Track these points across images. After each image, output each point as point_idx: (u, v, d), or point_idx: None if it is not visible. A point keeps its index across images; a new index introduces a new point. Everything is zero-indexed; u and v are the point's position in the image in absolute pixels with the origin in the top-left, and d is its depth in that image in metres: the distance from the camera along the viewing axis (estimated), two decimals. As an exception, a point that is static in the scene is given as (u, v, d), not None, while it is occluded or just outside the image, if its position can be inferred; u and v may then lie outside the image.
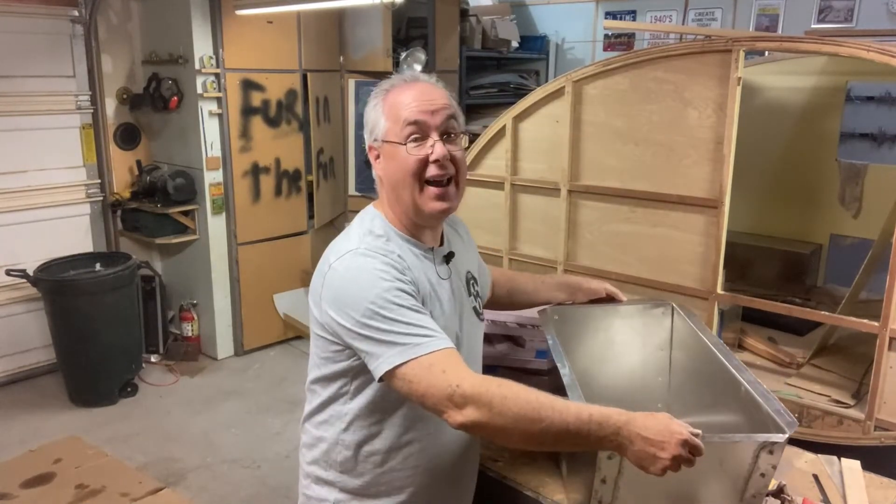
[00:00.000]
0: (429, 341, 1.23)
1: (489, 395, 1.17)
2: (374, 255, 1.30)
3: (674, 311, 1.84)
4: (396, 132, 1.35)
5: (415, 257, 1.38)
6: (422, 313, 1.27)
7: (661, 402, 1.83)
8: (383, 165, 1.39)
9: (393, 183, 1.38)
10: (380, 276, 1.27)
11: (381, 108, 1.38)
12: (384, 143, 1.37)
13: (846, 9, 4.24)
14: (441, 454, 1.42)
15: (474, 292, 1.53)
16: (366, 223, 1.41)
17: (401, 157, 1.35)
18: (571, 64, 5.37)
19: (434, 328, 1.26)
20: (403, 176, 1.35)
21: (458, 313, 1.44)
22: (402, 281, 1.29)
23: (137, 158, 4.68)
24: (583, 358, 1.82)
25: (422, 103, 1.34)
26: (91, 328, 3.93)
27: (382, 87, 1.41)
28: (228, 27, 4.30)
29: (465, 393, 1.17)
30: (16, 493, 2.40)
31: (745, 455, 1.28)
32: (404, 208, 1.39)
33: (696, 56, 2.60)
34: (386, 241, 1.36)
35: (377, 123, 1.38)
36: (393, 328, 1.23)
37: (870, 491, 1.58)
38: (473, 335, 1.50)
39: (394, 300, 1.25)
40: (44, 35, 4.17)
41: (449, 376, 1.19)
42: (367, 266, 1.29)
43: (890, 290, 2.27)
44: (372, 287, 1.26)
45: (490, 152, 3.33)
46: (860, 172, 3.44)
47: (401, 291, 1.27)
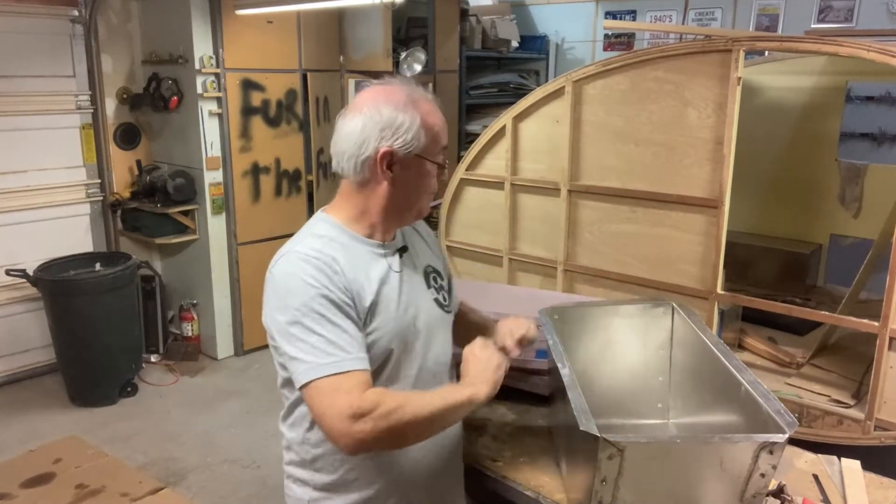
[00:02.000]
0: (338, 361, 1.25)
1: (384, 409, 1.23)
2: (307, 260, 1.32)
3: (674, 311, 1.84)
4: (432, 152, 1.41)
5: (363, 254, 1.40)
6: (340, 327, 1.28)
7: (661, 402, 1.83)
8: (401, 175, 1.38)
9: (408, 193, 1.41)
10: (308, 282, 1.29)
11: (417, 119, 1.37)
12: (417, 157, 1.38)
13: (846, 9, 4.24)
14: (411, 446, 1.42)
15: (436, 285, 1.54)
16: (310, 226, 1.44)
17: (430, 174, 1.42)
18: (571, 64, 5.37)
19: (348, 345, 1.28)
20: (426, 189, 1.43)
21: (416, 305, 1.45)
22: (329, 288, 1.29)
23: (137, 158, 4.68)
24: (583, 358, 1.82)
25: (446, 129, 1.46)
26: (91, 328, 3.93)
27: (413, 97, 1.39)
28: (228, 27, 4.29)
29: (362, 411, 1.22)
30: (16, 493, 2.40)
31: (745, 455, 1.28)
32: (402, 215, 1.44)
33: (696, 56, 2.60)
34: (328, 242, 1.37)
35: (409, 134, 1.36)
36: (309, 339, 1.26)
37: (870, 491, 1.58)
38: (435, 326, 1.50)
39: (317, 308, 1.28)
40: (44, 35, 4.17)
41: (352, 398, 1.23)
42: (298, 272, 1.31)
43: (890, 290, 2.27)
44: (299, 293, 1.29)
45: (490, 152, 3.33)
46: (860, 172, 3.44)
47: (325, 300, 1.28)
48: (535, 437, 1.77)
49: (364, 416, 1.22)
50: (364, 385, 1.26)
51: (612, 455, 1.27)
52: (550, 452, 1.70)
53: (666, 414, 1.82)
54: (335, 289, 1.30)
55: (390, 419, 1.23)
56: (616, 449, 1.26)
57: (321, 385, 1.24)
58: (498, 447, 1.72)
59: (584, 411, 1.35)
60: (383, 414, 1.22)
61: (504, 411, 1.90)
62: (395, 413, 1.23)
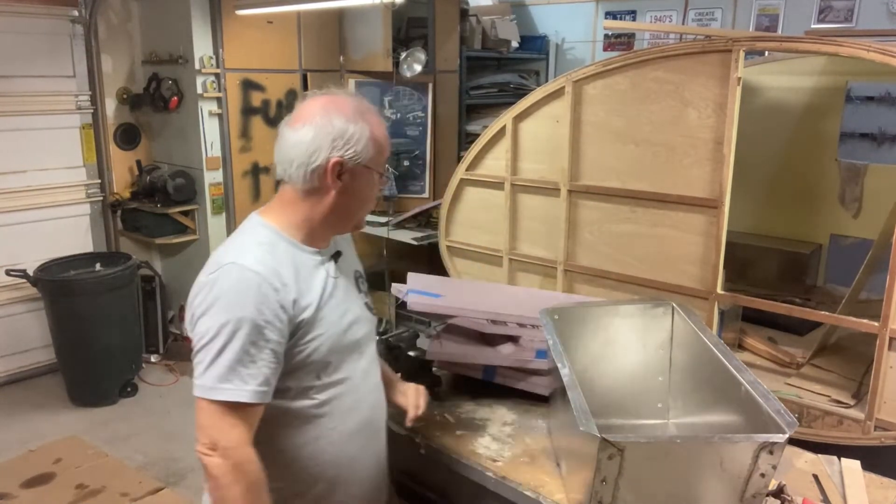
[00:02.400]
0: (235, 390, 1.29)
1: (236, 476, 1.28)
2: (248, 278, 1.32)
3: (674, 311, 1.84)
4: (378, 163, 1.44)
5: (305, 263, 1.42)
6: (252, 357, 1.30)
7: (661, 402, 1.83)
8: (350, 185, 1.41)
9: (353, 202, 1.44)
10: (242, 302, 1.30)
11: (367, 134, 1.40)
12: (365, 168, 1.42)
13: (846, 9, 4.24)
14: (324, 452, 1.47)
15: (364, 290, 1.61)
16: (250, 233, 1.44)
17: (374, 184, 1.46)
18: (571, 64, 5.37)
19: (251, 376, 1.30)
20: (370, 199, 1.47)
21: (353, 311, 1.50)
22: (262, 311, 1.30)
23: (137, 158, 4.68)
24: (583, 358, 1.82)
25: (389, 141, 1.48)
26: (91, 328, 3.93)
27: (360, 110, 1.42)
28: (228, 27, 4.29)
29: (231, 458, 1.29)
30: (16, 493, 2.40)
31: (745, 455, 1.28)
32: (342, 224, 1.48)
33: (696, 56, 2.60)
34: (271, 251, 1.38)
35: (359, 145, 1.39)
36: (221, 358, 1.29)
37: (870, 491, 1.58)
38: (366, 330, 1.55)
39: (240, 332, 1.29)
40: (44, 35, 4.17)
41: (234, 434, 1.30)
42: (236, 287, 1.31)
43: (890, 290, 2.27)
44: (230, 310, 1.30)
45: (490, 152, 3.33)
46: (860, 172, 3.44)
47: (252, 326, 1.29)
48: (535, 437, 1.77)
49: (226, 458, 1.28)
50: (246, 421, 1.31)
51: (612, 455, 1.27)
52: (550, 452, 1.70)
53: (666, 414, 1.82)
54: (269, 312, 1.31)
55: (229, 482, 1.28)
56: (616, 449, 1.26)
57: (211, 407, 1.31)
58: (498, 447, 1.72)
59: (584, 411, 1.35)
60: (234, 475, 1.28)
61: (504, 411, 1.90)
62: (231, 486, 1.28)
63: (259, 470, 1.32)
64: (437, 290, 2.10)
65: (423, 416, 1.70)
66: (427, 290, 2.07)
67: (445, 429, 1.80)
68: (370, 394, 1.55)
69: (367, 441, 1.55)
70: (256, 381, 1.31)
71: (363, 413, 1.52)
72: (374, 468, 1.59)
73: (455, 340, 1.96)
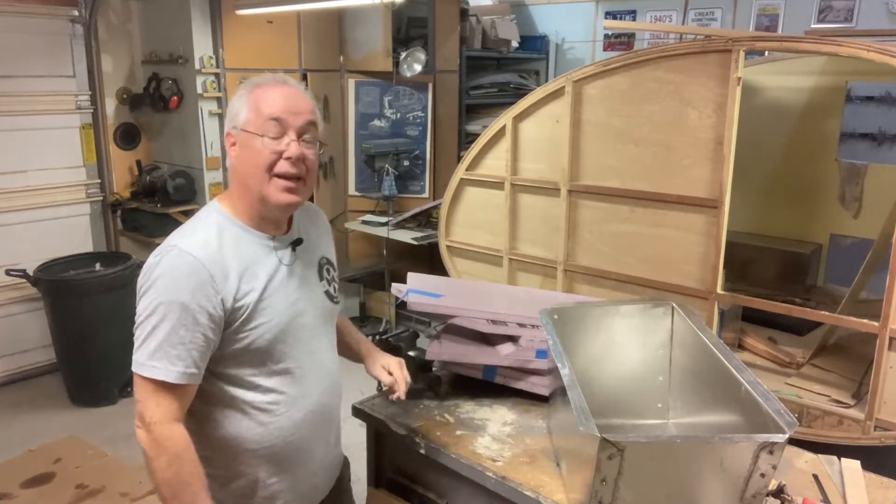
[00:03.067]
0: (163, 369, 1.33)
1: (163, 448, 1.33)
2: (185, 263, 1.35)
3: (674, 311, 1.84)
4: (257, 124, 1.41)
5: (253, 248, 1.44)
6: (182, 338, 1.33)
7: (661, 402, 1.83)
8: (237, 153, 1.44)
9: (244, 172, 1.43)
10: (176, 285, 1.34)
11: (245, 99, 1.43)
12: (242, 132, 1.42)
13: (846, 9, 4.24)
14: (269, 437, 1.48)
15: (328, 277, 1.60)
16: (201, 218, 1.47)
17: (255, 148, 1.40)
18: (571, 64, 5.37)
19: (179, 357, 1.33)
20: (255, 166, 1.41)
21: (306, 298, 1.50)
22: (194, 295, 1.33)
23: (137, 158, 4.68)
24: (583, 358, 1.82)
25: (286, 104, 1.42)
26: (91, 328, 3.93)
27: (254, 81, 1.46)
28: (228, 27, 4.29)
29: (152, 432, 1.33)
30: (16, 493, 2.40)
31: (745, 455, 1.28)
32: (251, 198, 1.44)
33: (696, 56, 2.60)
34: (216, 237, 1.40)
35: (238, 112, 1.43)
36: (154, 336, 1.33)
37: (870, 491, 1.58)
38: (323, 318, 1.56)
39: (171, 313, 1.33)
40: (44, 35, 4.17)
41: (159, 411, 1.34)
42: (172, 271, 1.35)
43: (890, 290, 2.27)
44: (164, 291, 1.34)
45: (490, 152, 3.33)
46: (860, 172, 3.44)
47: (183, 309, 1.33)
48: (535, 437, 1.77)
49: (149, 432, 1.33)
50: (171, 400, 1.34)
51: (612, 455, 1.27)
52: (550, 452, 1.70)
53: (666, 414, 1.82)
54: (202, 296, 1.34)
55: (157, 458, 1.33)
56: (616, 449, 1.26)
57: (144, 383, 1.35)
58: (498, 447, 1.72)
59: (584, 411, 1.35)
60: (157, 444, 1.33)
61: (504, 411, 1.90)
62: (159, 455, 1.32)
63: (181, 444, 1.34)
64: (437, 290, 2.10)
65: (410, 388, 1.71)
66: (427, 290, 2.07)
67: (445, 429, 1.80)
68: (322, 381, 1.55)
69: (318, 428, 1.55)
70: (184, 363, 1.34)
71: (313, 400, 1.52)
72: (325, 455, 1.61)
73: (455, 340, 1.96)
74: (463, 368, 1.96)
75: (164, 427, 1.33)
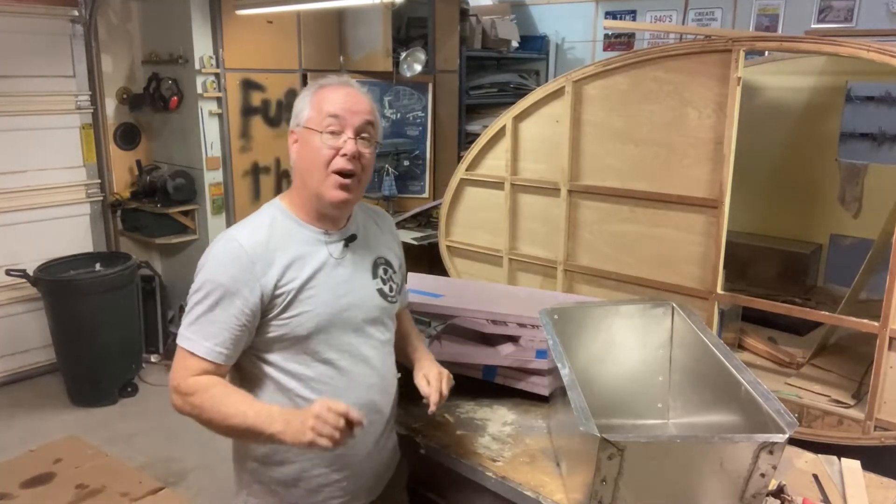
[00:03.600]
0: (196, 342, 1.41)
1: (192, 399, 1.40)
2: (230, 248, 1.43)
3: (674, 311, 1.84)
4: (317, 121, 1.46)
5: (304, 240, 1.49)
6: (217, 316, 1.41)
7: (661, 402, 1.83)
8: (298, 150, 1.50)
9: (303, 167, 1.49)
10: (218, 266, 1.42)
11: (308, 98, 1.49)
12: (304, 129, 1.48)
13: (846, 9, 4.24)
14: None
15: (384, 276, 1.61)
16: (259, 211, 1.55)
17: (315, 144, 1.46)
18: (571, 64, 5.37)
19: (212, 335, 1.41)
20: (314, 162, 1.46)
21: (354, 293, 1.52)
22: (234, 277, 1.40)
23: (137, 158, 4.68)
24: (583, 358, 1.82)
25: (347, 102, 1.47)
26: (91, 328, 3.93)
27: (319, 81, 1.52)
28: (228, 27, 4.29)
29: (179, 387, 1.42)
30: (16, 493, 2.39)
31: (745, 455, 1.28)
32: (308, 194, 1.49)
33: (696, 56, 2.60)
34: (266, 228, 1.47)
35: (302, 111, 1.49)
36: (194, 310, 1.42)
37: (870, 491, 1.58)
38: (372, 314, 1.56)
39: (211, 292, 1.41)
40: (44, 35, 4.16)
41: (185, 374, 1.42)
42: (218, 254, 1.44)
43: (890, 290, 2.27)
44: (208, 271, 1.43)
45: (490, 152, 3.33)
46: (860, 172, 3.44)
47: (221, 288, 1.40)
48: (535, 437, 1.77)
49: (179, 392, 1.42)
50: (200, 371, 1.42)
51: (612, 455, 1.27)
52: (550, 452, 1.70)
53: (666, 414, 1.82)
54: (242, 281, 1.41)
55: (193, 409, 1.41)
56: (616, 449, 1.26)
57: (179, 351, 1.44)
58: (498, 447, 1.72)
59: (584, 411, 1.35)
60: (189, 402, 1.40)
61: (504, 411, 1.90)
62: (196, 407, 1.40)
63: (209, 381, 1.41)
64: (437, 290, 2.10)
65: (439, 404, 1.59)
66: (427, 290, 2.07)
67: (445, 429, 1.80)
68: (369, 377, 1.54)
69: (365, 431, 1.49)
70: (215, 341, 1.41)
71: (358, 394, 1.50)
72: (373, 454, 1.58)
73: (455, 340, 1.96)
74: (463, 368, 1.96)
75: (188, 381, 1.41)
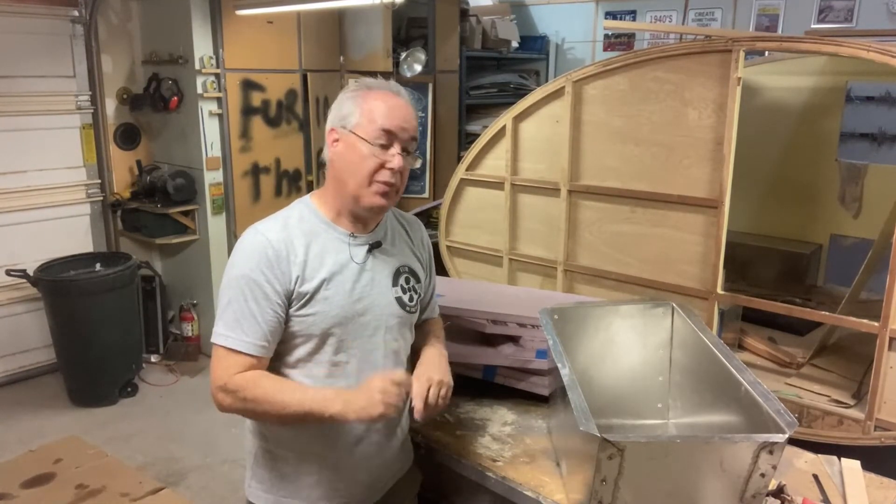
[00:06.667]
0: (235, 339, 1.42)
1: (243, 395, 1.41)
2: (257, 241, 1.45)
3: (674, 311, 1.84)
4: (368, 131, 1.46)
5: (328, 239, 1.51)
6: (251, 311, 1.42)
7: (660, 402, 1.83)
8: (341, 151, 1.49)
9: (345, 169, 1.49)
10: (247, 260, 1.44)
11: (359, 101, 1.48)
12: (351, 134, 1.47)
13: (846, 9, 4.24)
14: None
15: (406, 286, 1.60)
16: (287, 207, 1.56)
17: (362, 153, 1.46)
18: (571, 64, 5.37)
19: (250, 329, 1.42)
20: (359, 168, 1.47)
21: (371, 299, 1.52)
22: (262, 271, 1.42)
23: (137, 158, 4.68)
24: (583, 358, 1.82)
25: (398, 118, 1.48)
26: (91, 328, 3.93)
27: (366, 83, 1.51)
28: (228, 27, 4.29)
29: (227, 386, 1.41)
30: (16, 493, 2.40)
31: (745, 455, 1.28)
32: (344, 195, 1.50)
33: (696, 56, 2.60)
34: (294, 224, 1.49)
35: (351, 113, 1.47)
36: (229, 307, 1.43)
37: (870, 491, 1.58)
38: (389, 323, 1.56)
39: (242, 286, 1.42)
40: (44, 35, 4.16)
41: (229, 372, 1.42)
42: (246, 247, 1.45)
43: (890, 290, 2.27)
44: (238, 265, 1.45)
45: (490, 152, 3.33)
46: (860, 172, 3.44)
47: (252, 282, 1.42)
48: (535, 437, 1.77)
49: (227, 391, 1.41)
50: (243, 367, 1.42)
51: (612, 455, 1.27)
52: (550, 452, 1.70)
53: (666, 414, 1.82)
54: (269, 273, 1.42)
55: (245, 403, 1.41)
56: (616, 449, 1.26)
57: (218, 350, 1.44)
58: (498, 447, 1.72)
59: (584, 411, 1.35)
60: (240, 398, 1.41)
61: (504, 411, 1.90)
62: (249, 402, 1.41)
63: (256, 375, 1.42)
64: (437, 291, 2.10)
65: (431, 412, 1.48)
66: (427, 290, 2.07)
67: (445, 429, 1.80)
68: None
69: (369, 431, 1.54)
70: (255, 335, 1.42)
71: None
72: (379, 458, 1.58)
73: (455, 340, 1.96)
74: (463, 368, 1.96)
75: (234, 379, 1.41)
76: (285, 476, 1.54)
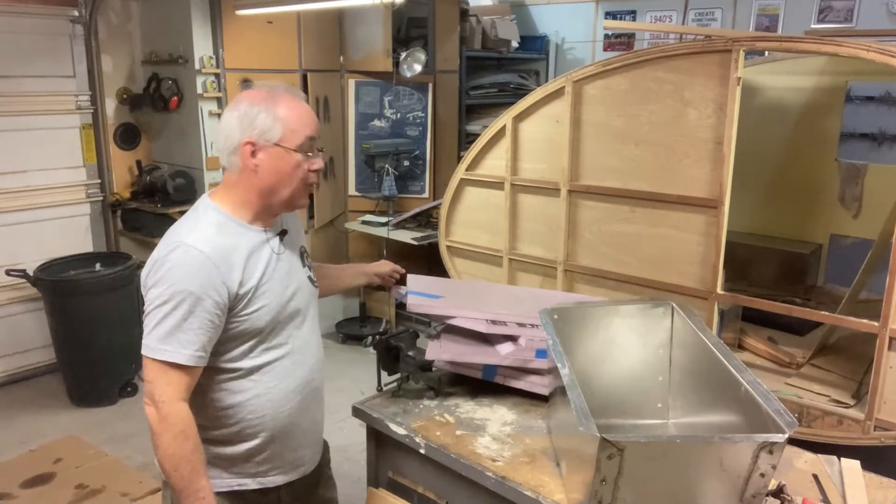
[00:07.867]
0: (173, 352, 1.46)
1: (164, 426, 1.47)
2: (195, 256, 1.47)
3: (674, 311, 1.84)
4: (293, 141, 1.54)
5: (250, 241, 1.58)
6: (191, 324, 1.46)
7: (660, 402, 1.83)
8: (265, 163, 1.55)
9: (275, 181, 1.56)
10: (187, 277, 1.46)
11: (272, 113, 1.53)
12: (276, 147, 1.54)
13: (846, 9, 4.24)
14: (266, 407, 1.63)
15: (308, 264, 1.77)
16: (201, 215, 1.58)
17: (292, 162, 1.55)
18: (571, 64, 5.37)
19: (189, 342, 1.46)
20: (292, 178, 1.57)
21: (295, 283, 1.66)
22: (203, 286, 1.46)
23: (137, 158, 4.68)
24: (583, 358, 1.82)
25: (312, 122, 1.59)
26: (91, 328, 3.93)
27: (270, 92, 1.57)
28: (228, 27, 4.30)
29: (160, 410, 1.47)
30: (16, 493, 2.40)
31: (745, 455, 1.28)
32: (272, 201, 1.58)
33: (696, 56, 2.60)
34: (219, 232, 1.53)
35: (270, 127, 1.53)
36: (165, 322, 1.45)
37: (870, 491, 1.58)
38: (309, 301, 1.72)
39: (183, 302, 1.45)
40: (44, 35, 4.17)
41: (171, 389, 1.47)
42: (183, 264, 1.47)
43: (890, 290, 2.27)
44: (176, 282, 1.46)
45: (490, 152, 3.33)
46: (860, 172, 3.44)
47: (193, 297, 1.45)
48: (535, 437, 1.77)
49: (158, 409, 1.46)
50: (183, 380, 1.47)
51: (612, 455, 1.27)
52: (550, 452, 1.70)
53: (666, 414, 1.82)
54: (209, 287, 1.47)
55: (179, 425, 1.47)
56: (616, 449, 1.26)
57: (156, 365, 1.47)
58: (498, 447, 1.72)
59: (584, 411, 1.35)
60: (170, 424, 1.47)
61: (504, 411, 1.90)
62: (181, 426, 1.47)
63: (185, 422, 1.48)
64: (436, 292, 2.10)
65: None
66: (427, 292, 2.07)
67: (445, 429, 1.80)
68: (310, 357, 1.71)
69: (305, 399, 1.70)
70: (193, 347, 1.47)
71: (302, 374, 1.68)
72: (312, 430, 1.76)
73: (455, 340, 1.96)
74: (463, 368, 1.96)
75: (171, 405, 1.46)
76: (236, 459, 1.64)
